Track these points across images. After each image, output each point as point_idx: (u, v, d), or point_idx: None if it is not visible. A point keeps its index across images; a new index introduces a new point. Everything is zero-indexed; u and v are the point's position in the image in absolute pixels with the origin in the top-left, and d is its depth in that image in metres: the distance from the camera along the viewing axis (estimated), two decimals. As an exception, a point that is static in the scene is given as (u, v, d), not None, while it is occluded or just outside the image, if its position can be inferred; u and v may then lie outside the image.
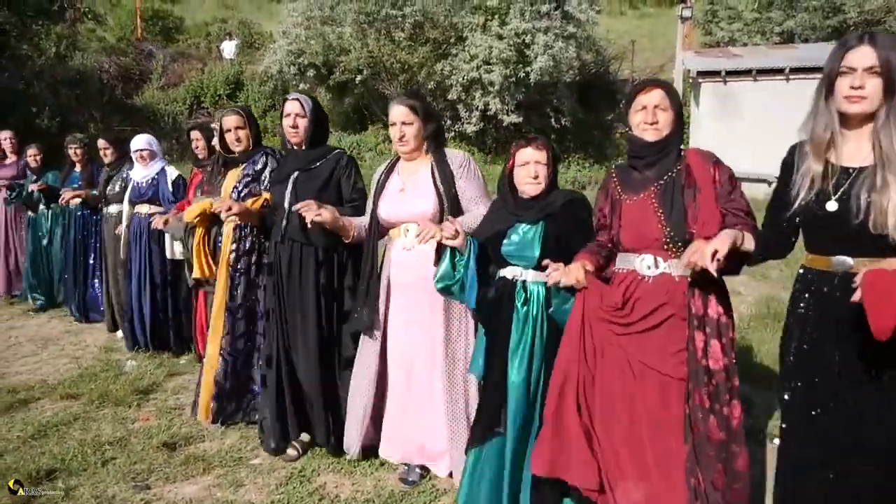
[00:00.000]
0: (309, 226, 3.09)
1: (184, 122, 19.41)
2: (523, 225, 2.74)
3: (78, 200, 5.96)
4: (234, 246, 3.82)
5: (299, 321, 3.44)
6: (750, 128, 14.06)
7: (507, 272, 2.78)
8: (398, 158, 3.28)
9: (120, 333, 5.71)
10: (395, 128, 3.12)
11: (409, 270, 3.12)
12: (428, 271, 2.92)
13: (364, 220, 3.30)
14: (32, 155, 6.70)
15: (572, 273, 2.49)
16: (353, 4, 16.96)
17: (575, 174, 15.76)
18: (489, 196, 3.13)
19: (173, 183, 5.20)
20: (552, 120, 17.52)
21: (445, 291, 2.88)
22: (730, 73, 15.15)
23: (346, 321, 3.41)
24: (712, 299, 2.36)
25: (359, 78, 17.19)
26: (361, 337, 3.30)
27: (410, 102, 3.12)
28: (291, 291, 3.45)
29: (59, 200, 5.97)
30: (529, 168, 2.71)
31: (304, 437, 3.58)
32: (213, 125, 4.55)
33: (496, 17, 16.73)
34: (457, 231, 2.72)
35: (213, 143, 4.65)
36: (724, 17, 20.63)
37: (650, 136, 2.47)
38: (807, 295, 2.20)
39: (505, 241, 2.75)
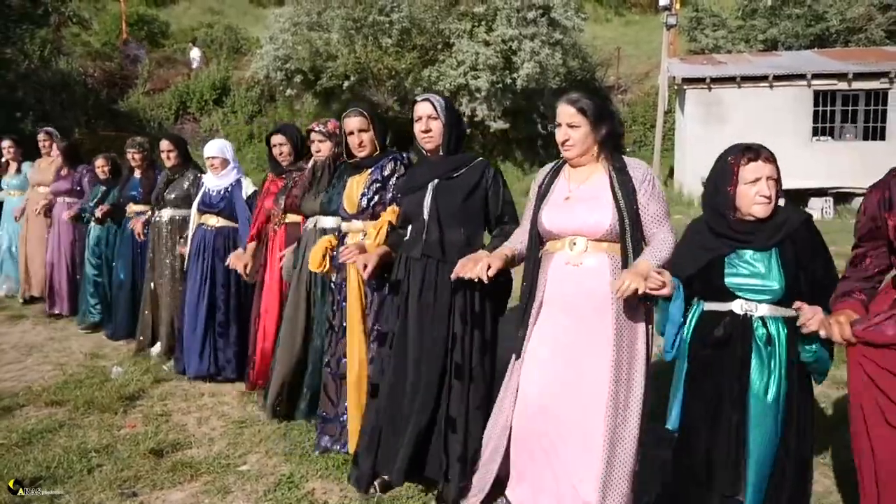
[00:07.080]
0: (486, 281, 2.68)
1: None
2: (749, 252, 2.35)
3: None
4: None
5: (424, 350, 3.01)
6: (734, 134, 14.21)
7: (734, 306, 2.37)
8: (564, 162, 2.84)
9: (157, 348, 5.27)
10: (560, 129, 2.71)
11: (573, 288, 2.66)
12: (596, 287, 2.59)
13: (520, 239, 2.89)
14: (100, 166, 6.22)
15: (836, 329, 2.12)
16: (340, 10, 17.01)
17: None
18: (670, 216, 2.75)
19: (248, 199, 4.67)
20: (539, 126, 17.64)
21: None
22: (714, 80, 15.35)
23: (486, 352, 3.03)
24: None
25: (346, 84, 17.22)
26: (510, 366, 2.88)
27: (579, 103, 2.65)
28: (423, 315, 3.03)
29: (137, 237, 5.49)
30: (761, 185, 2.30)
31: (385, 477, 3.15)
32: (313, 127, 3.95)
33: (483, 23, 16.84)
34: (664, 281, 2.38)
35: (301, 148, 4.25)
36: (709, 24, 20.87)
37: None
38: None
39: (728, 271, 2.36)
